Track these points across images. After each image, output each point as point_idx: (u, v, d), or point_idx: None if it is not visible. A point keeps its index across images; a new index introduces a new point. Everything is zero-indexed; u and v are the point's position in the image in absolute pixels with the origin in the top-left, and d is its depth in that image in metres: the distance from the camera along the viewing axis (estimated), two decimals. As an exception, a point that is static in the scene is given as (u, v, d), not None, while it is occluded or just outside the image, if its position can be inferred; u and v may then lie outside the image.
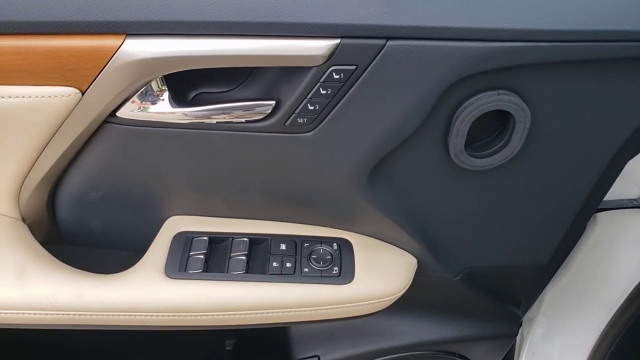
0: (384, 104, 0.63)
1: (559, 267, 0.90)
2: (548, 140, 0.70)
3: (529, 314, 1.05)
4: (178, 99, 0.66)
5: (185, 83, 0.68)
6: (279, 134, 0.67)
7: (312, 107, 0.63)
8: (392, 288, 0.78)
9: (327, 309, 0.76)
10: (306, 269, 0.77)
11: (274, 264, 0.77)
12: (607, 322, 1.06)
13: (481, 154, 0.69)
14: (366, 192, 0.72)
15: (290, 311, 0.76)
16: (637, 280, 0.96)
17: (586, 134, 0.70)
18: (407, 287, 0.79)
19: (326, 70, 0.60)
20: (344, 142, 0.67)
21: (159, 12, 0.58)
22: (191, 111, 0.66)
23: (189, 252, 0.78)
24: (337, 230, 0.82)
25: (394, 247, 0.81)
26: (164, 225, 0.82)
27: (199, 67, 0.61)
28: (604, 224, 1.01)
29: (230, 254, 0.78)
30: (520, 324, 1.01)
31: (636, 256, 0.97)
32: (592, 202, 0.80)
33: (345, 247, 0.80)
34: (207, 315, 0.74)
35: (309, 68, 0.60)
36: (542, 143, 0.70)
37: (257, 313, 0.75)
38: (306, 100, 0.62)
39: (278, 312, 0.76)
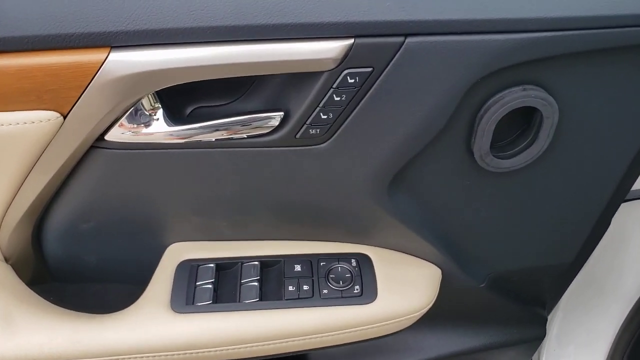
0: (404, 107, 0.57)
1: (583, 265, 0.85)
2: (574, 135, 0.64)
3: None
4: (173, 116, 0.59)
5: (180, 98, 0.61)
6: (289, 148, 0.60)
7: (325, 116, 0.56)
8: (418, 303, 0.72)
9: (350, 332, 0.70)
10: (325, 290, 0.71)
11: (290, 288, 0.71)
12: (626, 314, 1.01)
13: (506, 154, 0.63)
14: (385, 203, 0.66)
15: (310, 338, 0.69)
16: None
17: (612, 126, 0.65)
18: (434, 301, 0.72)
19: (339, 75, 0.53)
20: (361, 152, 0.60)
21: (147, 19, 0.51)
22: (189, 129, 0.59)
23: (196, 282, 0.71)
24: (353, 245, 0.76)
25: (416, 258, 0.75)
26: (165, 254, 0.75)
27: (195, 80, 0.54)
28: (620, 215, 0.96)
29: (240, 280, 0.72)
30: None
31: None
32: (619, 195, 0.75)
33: (364, 262, 0.74)
34: (221, 350, 0.67)
35: (320, 73, 0.54)
36: (568, 138, 0.65)
37: (275, 343, 0.69)
38: (318, 109, 0.55)
39: (298, 340, 0.69)
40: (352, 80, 0.53)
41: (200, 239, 0.75)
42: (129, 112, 0.57)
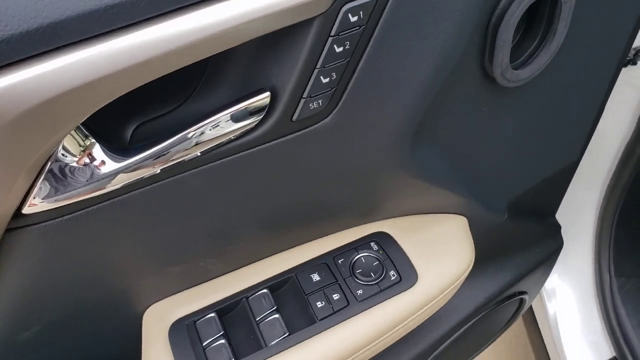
0: (422, 36, 0.43)
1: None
2: (577, 23, 0.56)
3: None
4: (113, 149, 0.41)
5: (111, 120, 0.43)
6: (284, 139, 0.45)
7: (326, 80, 0.41)
8: (461, 263, 0.61)
9: (405, 324, 0.58)
10: (359, 291, 0.58)
11: (319, 305, 0.57)
12: (605, 189, 0.99)
13: (522, 63, 0.53)
14: (408, 163, 0.53)
15: (366, 349, 0.56)
16: (625, 141, 0.89)
17: (607, 13, 0.58)
18: (474, 253, 0.62)
19: (337, 15, 0.38)
20: (378, 110, 0.46)
21: (38, 12, 0.32)
22: (140, 160, 0.41)
23: (201, 342, 0.55)
24: (362, 227, 0.63)
25: (437, 215, 0.64)
26: (145, 322, 0.57)
27: (136, 86, 0.37)
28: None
29: (255, 319, 0.56)
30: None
31: (621, 119, 0.89)
32: (614, 80, 0.69)
33: (386, 242, 0.61)
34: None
35: (309, 22, 0.38)
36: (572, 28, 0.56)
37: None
38: (317, 71, 0.41)
39: (356, 356, 0.56)
40: (355, 18, 0.39)
41: (183, 289, 0.58)
42: (48, 166, 0.38)
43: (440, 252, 0.60)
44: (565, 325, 1.06)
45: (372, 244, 0.61)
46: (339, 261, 0.60)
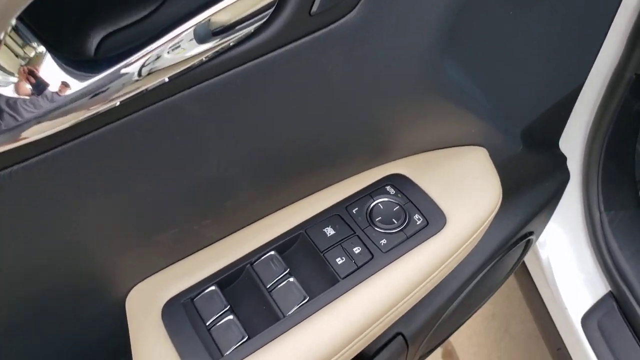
0: None
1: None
2: None
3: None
4: (74, 63, 0.30)
5: (70, 30, 0.31)
6: (301, 40, 0.35)
7: None
8: (490, 199, 0.54)
9: (437, 274, 0.50)
10: (383, 241, 0.49)
11: (339, 261, 0.48)
12: (591, 122, 0.95)
13: None
14: (438, 74, 0.45)
15: (396, 308, 0.49)
16: (612, 68, 0.85)
17: None
18: (501, 187, 0.55)
19: None
20: (408, 3, 0.37)
21: None
22: (113, 77, 0.30)
23: (204, 321, 0.45)
24: (369, 172, 0.54)
25: (454, 148, 0.57)
26: (129, 306, 0.46)
27: None
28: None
29: (265, 286, 0.47)
30: None
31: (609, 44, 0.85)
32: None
33: (402, 184, 0.53)
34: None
35: None
36: None
37: (355, 343, 0.47)
38: None
39: (381, 321, 0.48)
40: None
41: (172, 262, 0.48)
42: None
43: (465, 188, 0.53)
44: (558, 267, 1.03)
45: (387, 187, 0.53)
46: (353, 210, 0.51)
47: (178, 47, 0.30)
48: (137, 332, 0.45)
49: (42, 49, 0.27)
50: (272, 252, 0.48)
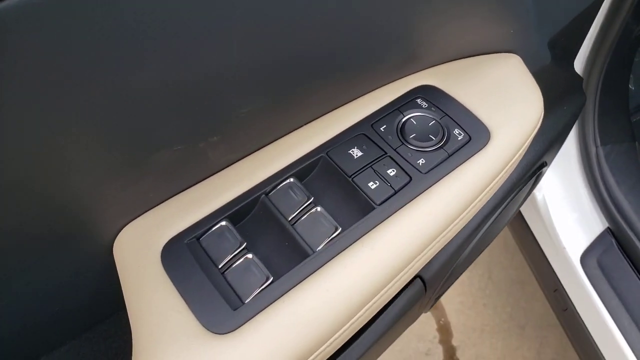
0: None
1: None
2: None
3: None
4: None
5: None
6: None
7: None
8: (534, 109, 0.47)
9: (484, 195, 0.43)
10: (421, 161, 0.42)
11: (372, 185, 0.40)
12: (588, 55, 0.90)
13: None
14: None
15: (441, 237, 0.41)
16: None
17: None
18: (542, 97, 0.48)
19: None
20: None
21: None
22: None
23: (217, 264, 0.36)
24: (394, 85, 0.46)
25: (485, 56, 0.49)
26: (118, 252, 0.37)
27: None
28: None
29: (287, 218, 0.38)
30: None
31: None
32: None
33: (435, 96, 0.45)
34: (346, 329, 0.36)
35: None
36: None
37: (397, 281, 0.39)
38: None
39: (424, 253, 0.40)
40: None
41: (170, 195, 0.39)
42: None
43: (506, 98, 0.45)
44: (554, 207, 0.99)
45: (418, 100, 0.45)
46: (381, 128, 0.43)
47: None
48: (131, 281, 0.36)
49: None
50: (291, 179, 0.40)
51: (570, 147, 1.00)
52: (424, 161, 0.41)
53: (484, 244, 0.76)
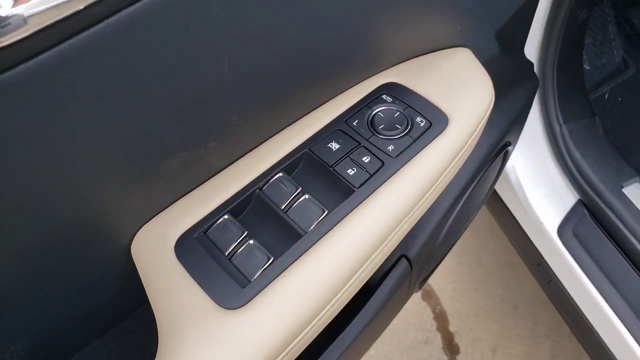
0: None
1: None
2: None
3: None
4: None
5: None
6: None
7: None
8: (485, 95, 0.54)
9: (447, 173, 0.50)
10: (390, 147, 0.48)
11: (350, 172, 0.46)
12: (542, 40, 0.98)
13: None
14: None
15: (414, 211, 0.48)
16: None
17: None
18: (492, 84, 0.55)
19: None
20: None
21: None
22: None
23: (224, 252, 0.42)
24: (361, 86, 0.53)
25: (439, 52, 0.56)
26: (136, 252, 0.43)
27: None
28: None
29: (280, 207, 0.45)
30: None
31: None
32: None
33: (398, 91, 0.52)
34: (340, 296, 0.42)
35: None
36: None
37: (379, 252, 0.46)
38: None
39: (400, 227, 0.47)
40: None
41: (177, 197, 0.45)
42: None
43: (460, 87, 0.52)
44: (528, 185, 1.06)
45: (383, 96, 0.51)
46: (354, 123, 0.49)
47: None
48: (151, 275, 0.42)
49: None
50: (280, 174, 0.46)
51: (536, 127, 1.07)
52: (393, 147, 0.48)
53: (462, 222, 0.82)
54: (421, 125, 0.49)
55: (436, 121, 0.49)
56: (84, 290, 0.43)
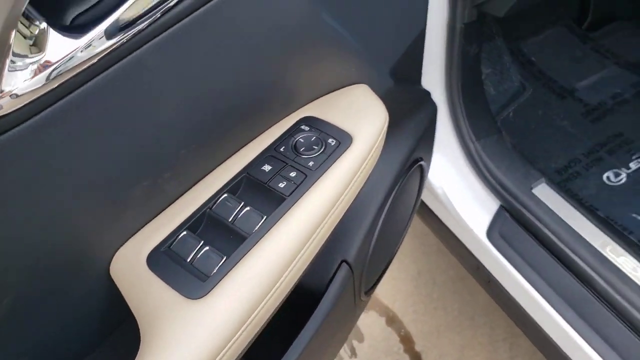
0: None
1: None
2: None
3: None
4: (65, 29, 0.39)
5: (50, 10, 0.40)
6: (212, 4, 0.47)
7: None
8: (379, 117, 0.68)
9: (356, 179, 0.63)
10: (310, 163, 0.61)
11: (282, 185, 0.59)
12: (444, 69, 1.14)
13: None
14: (317, 22, 0.58)
15: (335, 209, 0.60)
16: (446, 20, 1.04)
17: None
18: (384, 107, 0.70)
19: None
20: None
21: None
22: (99, 36, 0.40)
23: (186, 259, 0.54)
24: (285, 121, 0.66)
25: (343, 89, 0.71)
26: (115, 273, 0.54)
27: None
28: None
29: (228, 219, 0.57)
30: None
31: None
32: None
33: (313, 121, 0.66)
34: (281, 284, 0.54)
35: None
36: None
37: (310, 243, 0.58)
38: None
39: (325, 222, 0.59)
40: None
41: (144, 223, 0.56)
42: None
43: (359, 113, 0.66)
44: (454, 198, 1.20)
45: (302, 127, 0.65)
46: (281, 149, 0.63)
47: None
48: (129, 287, 0.53)
49: (44, 24, 0.37)
50: (226, 195, 0.58)
51: (454, 145, 1.22)
52: (313, 163, 0.61)
53: (396, 229, 0.95)
54: (332, 144, 0.63)
55: (343, 140, 0.63)
56: (71, 313, 0.53)
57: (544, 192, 1.14)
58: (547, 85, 1.41)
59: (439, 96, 1.16)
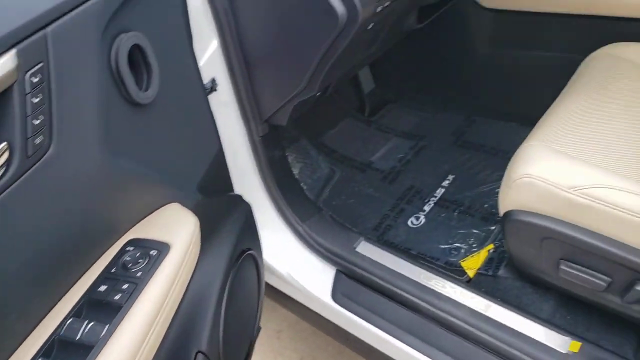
0: (78, 83, 0.69)
1: None
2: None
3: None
4: None
5: None
6: (28, 172, 0.63)
7: (38, 121, 0.63)
8: (189, 224, 0.86)
9: (180, 277, 0.80)
10: (139, 273, 0.77)
11: (117, 297, 0.74)
12: (255, 168, 1.39)
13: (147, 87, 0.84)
14: (114, 168, 0.76)
15: (166, 304, 0.76)
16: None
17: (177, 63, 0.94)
18: (195, 216, 0.89)
19: (24, 79, 0.61)
20: (75, 134, 0.69)
21: None
22: None
23: None
24: (115, 246, 0.82)
25: (159, 210, 0.89)
26: None
27: None
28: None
29: (77, 339, 0.69)
30: None
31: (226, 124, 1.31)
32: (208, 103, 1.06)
33: (136, 242, 0.82)
34: None
35: (10, 88, 0.60)
36: None
37: (151, 334, 0.72)
38: (29, 118, 0.62)
39: (160, 315, 0.75)
40: (37, 78, 0.62)
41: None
42: None
43: (173, 226, 0.85)
44: (297, 275, 1.38)
45: (127, 248, 0.81)
46: (112, 270, 0.78)
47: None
48: None
49: None
50: (71, 319, 0.71)
51: (287, 230, 1.43)
52: (140, 273, 0.77)
53: (245, 311, 1.11)
54: (154, 254, 0.79)
55: (162, 249, 0.80)
56: None
57: (366, 248, 1.37)
58: (350, 165, 1.72)
59: (261, 195, 1.39)
